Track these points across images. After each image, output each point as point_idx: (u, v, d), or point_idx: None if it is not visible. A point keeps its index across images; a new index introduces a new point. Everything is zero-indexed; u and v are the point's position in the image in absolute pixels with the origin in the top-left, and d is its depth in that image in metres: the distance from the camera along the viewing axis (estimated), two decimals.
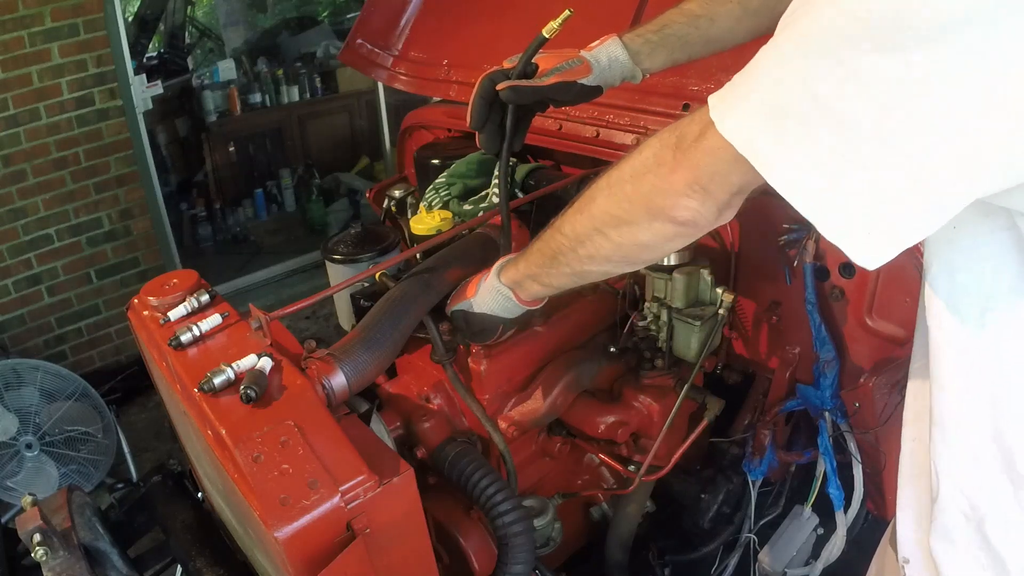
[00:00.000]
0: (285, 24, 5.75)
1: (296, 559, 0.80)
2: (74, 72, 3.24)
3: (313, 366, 1.02)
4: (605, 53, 1.17)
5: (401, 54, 2.15)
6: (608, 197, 0.84)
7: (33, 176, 3.27)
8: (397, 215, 1.96)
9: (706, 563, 1.58)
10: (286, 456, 0.85)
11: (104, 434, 2.89)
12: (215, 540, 1.31)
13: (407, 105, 2.98)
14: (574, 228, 0.90)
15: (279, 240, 5.15)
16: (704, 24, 1.14)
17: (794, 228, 1.37)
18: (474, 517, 1.26)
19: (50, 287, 3.45)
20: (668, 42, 1.16)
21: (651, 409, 1.41)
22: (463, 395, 1.26)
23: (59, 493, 1.18)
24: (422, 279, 1.21)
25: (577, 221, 0.89)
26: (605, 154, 1.63)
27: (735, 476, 1.57)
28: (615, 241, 0.85)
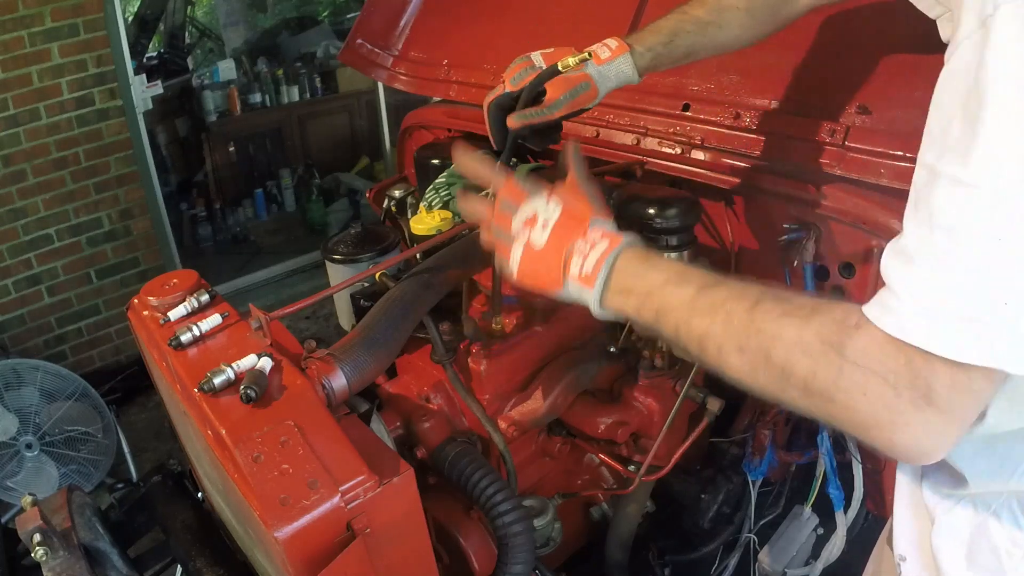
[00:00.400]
0: (285, 24, 5.76)
1: (296, 559, 0.80)
2: (74, 72, 3.24)
3: (313, 366, 1.02)
4: (615, 72, 1.14)
5: (401, 54, 2.16)
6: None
7: (33, 176, 3.27)
8: (397, 215, 1.96)
9: (706, 563, 1.58)
10: (286, 456, 0.84)
11: (104, 434, 2.90)
12: (215, 540, 1.30)
13: (407, 105, 2.98)
14: (700, 331, 0.75)
15: (279, 240, 5.16)
16: (712, 31, 1.14)
17: (794, 228, 1.37)
18: (474, 517, 1.26)
19: (50, 287, 3.45)
20: (675, 53, 1.15)
21: (651, 409, 1.41)
22: (463, 395, 1.26)
23: (59, 493, 1.18)
24: (422, 279, 1.21)
25: (707, 328, 0.74)
26: (605, 154, 1.63)
27: (735, 476, 1.57)
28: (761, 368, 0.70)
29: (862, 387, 0.61)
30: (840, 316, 0.63)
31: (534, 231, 0.90)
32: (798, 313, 0.66)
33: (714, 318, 0.72)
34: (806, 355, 0.64)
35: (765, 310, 0.68)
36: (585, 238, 0.87)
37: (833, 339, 0.63)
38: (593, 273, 0.84)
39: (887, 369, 0.59)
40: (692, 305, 0.75)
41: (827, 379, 0.63)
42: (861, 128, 1.26)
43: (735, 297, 0.72)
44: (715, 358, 0.73)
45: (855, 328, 0.62)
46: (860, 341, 0.61)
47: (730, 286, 0.73)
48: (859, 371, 0.61)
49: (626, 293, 0.82)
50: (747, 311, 0.70)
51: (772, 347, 0.67)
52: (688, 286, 0.77)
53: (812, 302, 0.67)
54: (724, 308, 0.72)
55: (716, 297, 0.73)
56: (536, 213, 0.91)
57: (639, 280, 0.81)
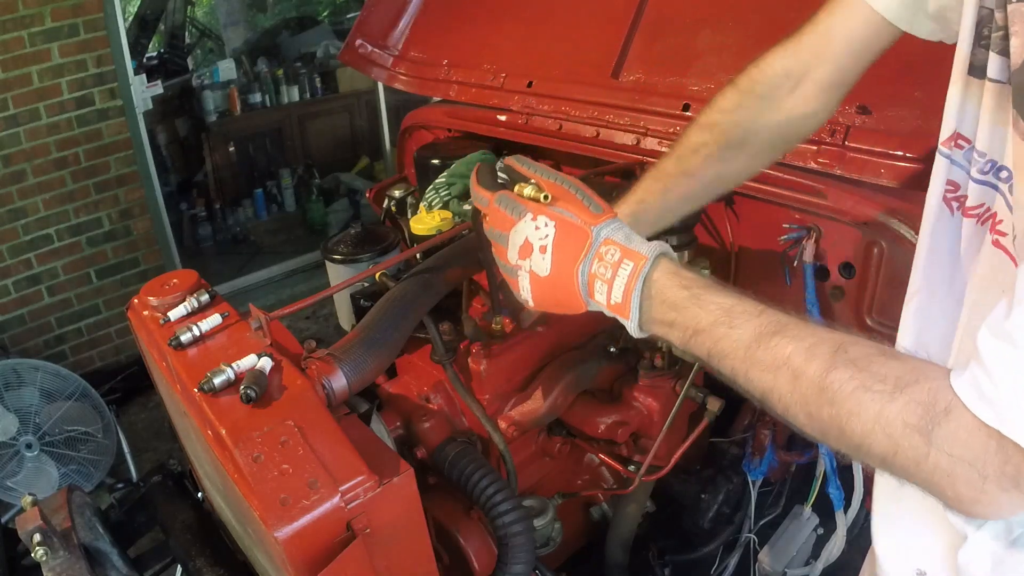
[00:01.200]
0: (285, 24, 5.76)
1: (296, 559, 0.80)
2: (74, 72, 3.24)
3: (313, 366, 1.02)
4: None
5: (401, 54, 2.16)
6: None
7: (33, 176, 3.27)
8: (397, 215, 1.96)
9: (706, 563, 1.58)
10: (286, 456, 0.84)
11: (104, 434, 2.89)
12: (215, 540, 1.30)
13: (407, 105, 2.98)
14: (760, 379, 0.68)
15: (279, 240, 5.16)
16: (682, 183, 1.02)
17: (794, 228, 1.37)
18: (474, 517, 1.26)
19: (50, 287, 3.45)
20: (641, 220, 1.00)
21: (651, 409, 1.41)
22: (463, 395, 1.26)
23: (59, 493, 1.17)
24: (422, 279, 1.21)
25: (770, 379, 0.67)
26: (605, 154, 1.63)
27: (735, 476, 1.57)
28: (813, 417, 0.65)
29: (947, 471, 0.57)
30: (927, 398, 0.58)
31: (533, 259, 0.82)
32: (877, 388, 0.59)
33: (777, 376, 0.65)
34: (887, 437, 0.59)
35: (839, 380, 0.61)
36: (600, 256, 0.78)
37: (919, 424, 0.57)
38: (624, 303, 0.76)
39: (976, 456, 0.56)
40: (750, 356, 0.68)
41: (909, 461, 0.59)
42: (861, 128, 1.26)
43: (801, 354, 0.64)
44: (780, 413, 0.67)
45: (944, 414, 0.57)
46: (949, 428, 0.56)
47: (792, 335, 0.66)
48: (946, 458, 0.57)
49: (668, 325, 0.75)
50: (818, 377, 0.62)
51: (847, 423, 0.61)
52: (741, 330, 0.69)
53: (893, 374, 0.60)
54: (789, 367, 0.65)
55: (778, 352, 0.65)
56: (527, 239, 0.82)
57: (682, 314, 0.73)
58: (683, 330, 0.73)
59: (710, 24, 1.55)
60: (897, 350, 0.63)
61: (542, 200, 0.83)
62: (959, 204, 0.80)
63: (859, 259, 1.33)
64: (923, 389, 0.58)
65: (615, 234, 0.79)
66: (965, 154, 0.77)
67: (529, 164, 0.88)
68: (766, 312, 0.69)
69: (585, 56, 1.75)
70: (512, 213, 0.84)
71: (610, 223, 0.80)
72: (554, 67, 1.80)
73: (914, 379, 0.59)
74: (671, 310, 0.74)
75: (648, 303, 0.75)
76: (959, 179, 0.79)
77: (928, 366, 0.60)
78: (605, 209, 0.81)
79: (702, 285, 0.74)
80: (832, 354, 0.63)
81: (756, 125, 0.98)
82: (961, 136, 0.78)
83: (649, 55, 1.65)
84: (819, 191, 1.29)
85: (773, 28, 1.43)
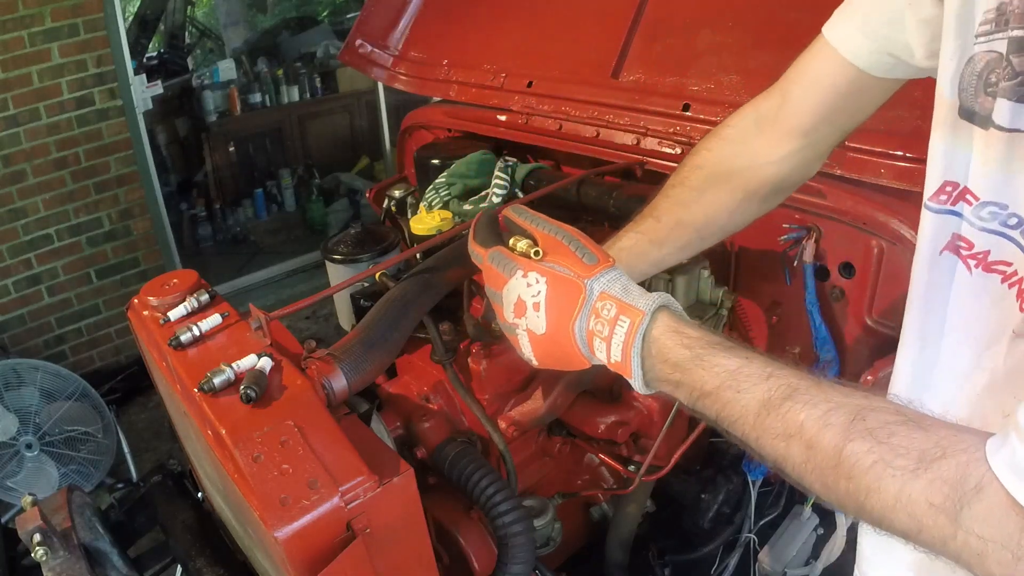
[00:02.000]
0: (285, 24, 5.76)
1: (296, 559, 0.80)
2: (74, 72, 3.24)
3: (313, 366, 1.02)
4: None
5: (401, 54, 2.16)
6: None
7: (33, 176, 3.27)
8: (397, 215, 1.96)
9: (706, 563, 1.58)
10: (286, 456, 0.84)
11: (104, 434, 2.90)
12: (215, 540, 1.30)
13: (407, 105, 2.98)
14: (773, 447, 0.64)
15: (279, 240, 5.16)
16: (651, 226, 0.98)
17: (794, 228, 1.37)
18: (474, 517, 1.25)
19: (50, 287, 3.45)
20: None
21: (651, 409, 1.41)
22: (463, 395, 1.26)
23: (59, 493, 1.17)
24: (422, 279, 1.21)
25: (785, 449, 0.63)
26: (605, 154, 1.63)
27: (735, 476, 1.57)
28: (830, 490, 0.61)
29: (977, 551, 0.52)
30: (955, 475, 0.53)
31: (528, 317, 0.79)
32: (899, 464, 0.55)
33: (790, 445, 0.61)
34: (910, 516, 0.54)
35: (856, 453, 0.57)
36: (596, 312, 0.74)
37: (946, 505, 0.52)
38: (624, 362, 0.72)
39: (1010, 537, 0.50)
40: (760, 423, 0.64)
41: (935, 540, 0.54)
42: (861, 128, 1.26)
43: (814, 423, 0.60)
44: (795, 480, 0.63)
45: (975, 492, 0.52)
46: (981, 507, 0.51)
47: (804, 400, 0.61)
48: (975, 539, 0.52)
49: (674, 385, 0.71)
50: (834, 449, 0.58)
51: (866, 499, 0.56)
52: (749, 395, 0.65)
53: (917, 447, 0.55)
54: (802, 437, 0.60)
55: (790, 420, 0.61)
56: (520, 297, 0.79)
57: (686, 376, 0.69)
58: (689, 391, 0.69)
59: (710, 24, 1.55)
60: (924, 415, 0.58)
61: (532, 256, 0.80)
62: (977, 261, 0.73)
63: (859, 259, 1.33)
64: (950, 465, 0.53)
65: (611, 286, 0.75)
66: (975, 209, 0.71)
67: (526, 214, 0.85)
68: (775, 375, 0.65)
69: (585, 56, 1.75)
70: (504, 271, 0.82)
71: (605, 274, 0.75)
72: (554, 67, 1.80)
73: (940, 453, 0.54)
74: (675, 370, 0.70)
75: (650, 361, 0.72)
76: (971, 235, 0.73)
77: (957, 436, 0.55)
78: (601, 259, 0.77)
79: (705, 344, 0.69)
80: (849, 423, 0.58)
81: (721, 168, 0.96)
82: (962, 187, 0.73)
83: (649, 55, 1.65)
84: (819, 191, 1.29)
85: (773, 28, 1.44)
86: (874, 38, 0.79)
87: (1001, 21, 0.64)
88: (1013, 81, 0.64)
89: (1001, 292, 0.70)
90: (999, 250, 0.70)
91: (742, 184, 0.96)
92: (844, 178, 1.26)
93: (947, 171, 0.74)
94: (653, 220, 0.97)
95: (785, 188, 0.98)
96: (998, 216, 0.69)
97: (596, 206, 1.51)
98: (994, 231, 0.70)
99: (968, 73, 0.69)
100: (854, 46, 0.81)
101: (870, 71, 0.82)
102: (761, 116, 0.94)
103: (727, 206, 0.97)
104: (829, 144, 0.94)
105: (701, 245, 1.01)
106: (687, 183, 0.97)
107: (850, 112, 0.88)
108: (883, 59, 0.80)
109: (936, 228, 0.76)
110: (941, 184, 0.74)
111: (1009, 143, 0.66)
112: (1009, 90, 0.64)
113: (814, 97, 0.87)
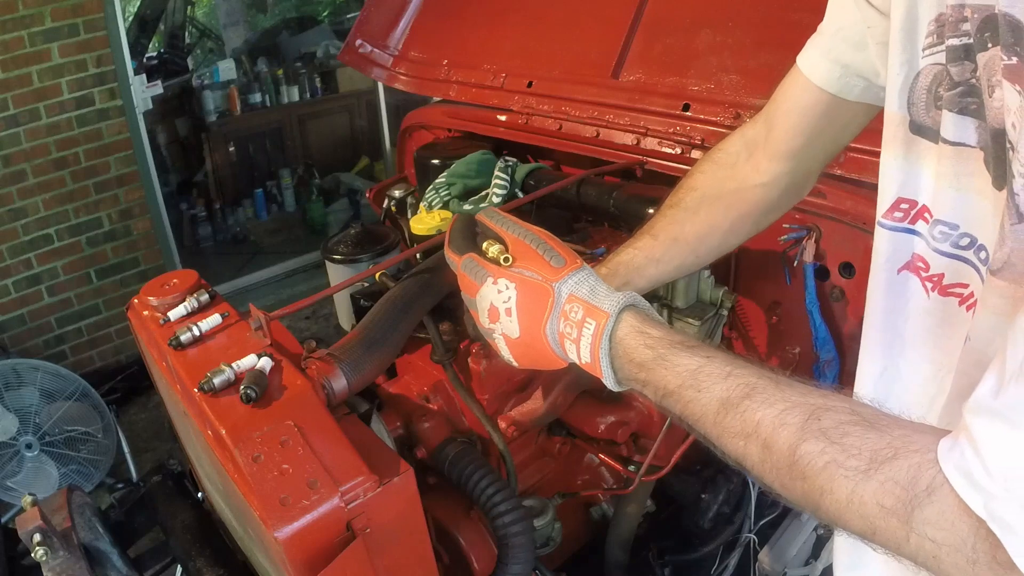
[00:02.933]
0: (285, 24, 5.76)
1: (296, 559, 0.80)
2: (74, 72, 3.24)
3: (313, 366, 1.02)
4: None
5: (401, 54, 2.16)
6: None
7: (33, 176, 3.27)
8: (397, 215, 1.96)
9: (706, 563, 1.58)
10: (286, 456, 0.84)
11: (104, 434, 2.90)
12: (215, 540, 1.30)
13: (407, 105, 2.98)
14: (733, 445, 0.65)
15: (279, 240, 5.16)
16: (648, 243, 1.00)
17: (794, 228, 1.37)
18: (474, 517, 1.25)
19: (50, 287, 3.45)
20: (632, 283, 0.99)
21: (651, 409, 1.41)
22: (463, 395, 1.26)
23: (59, 493, 1.18)
24: (422, 279, 1.21)
25: (743, 444, 0.63)
26: (605, 154, 1.63)
27: (735, 476, 1.57)
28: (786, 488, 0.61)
29: (931, 554, 0.51)
30: (905, 476, 0.52)
31: (503, 322, 0.80)
32: (851, 465, 0.54)
33: (748, 445, 0.62)
34: (862, 518, 0.54)
35: (809, 454, 0.57)
36: (564, 315, 0.75)
37: (897, 507, 0.52)
38: (594, 363, 0.74)
39: (963, 541, 0.49)
40: (719, 423, 0.64)
41: (887, 542, 0.54)
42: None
43: (770, 423, 0.60)
44: (756, 479, 0.63)
45: (926, 495, 0.51)
46: (932, 511, 0.50)
47: (761, 400, 0.61)
48: (929, 543, 0.51)
49: (641, 383, 0.72)
50: (788, 449, 0.58)
51: (821, 500, 0.56)
52: (709, 394, 0.65)
53: (869, 447, 0.54)
54: (758, 436, 0.60)
55: (747, 419, 0.62)
56: (492, 303, 0.80)
57: (651, 375, 0.70)
58: (654, 390, 0.70)
59: (710, 24, 1.55)
60: (880, 414, 0.57)
61: (502, 262, 0.81)
62: (934, 284, 0.72)
63: (859, 259, 1.33)
64: (902, 466, 0.52)
65: (579, 288, 0.76)
66: (930, 228, 0.71)
67: (497, 217, 0.86)
68: (734, 374, 0.65)
69: (585, 56, 1.75)
70: (475, 278, 0.83)
71: (573, 276, 0.76)
72: (554, 67, 1.80)
73: (891, 454, 0.53)
74: (640, 370, 0.71)
75: (618, 362, 0.73)
76: (926, 255, 0.72)
77: (910, 437, 0.54)
78: (568, 261, 0.78)
79: (668, 343, 0.70)
80: (803, 423, 0.58)
81: (713, 190, 0.98)
82: (920, 205, 0.72)
83: (649, 55, 1.65)
84: (819, 191, 1.29)
85: (773, 28, 1.44)
86: (841, 63, 0.81)
87: (940, 32, 0.64)
88: (953, 92, 0.63)
89: (959, 316, 0.69)
90: (954, 273, 0.69)
91: (734, 205, 0.98)
92: (844, 178, 1.26)
93: (902, 188, 0.73)
94: (650, 238, 1.00)
95: (776, 209, 1.00)
96: (949, 237, 0.68)
97: (596, 206, 1.51)
98: (948, 253, 0.69)
99: (918, 88, 0.68)
100: (823, 71, 0.83)
101: (842, 95, 0.83)
102: (749, 141, 0.96)
103: (720, 226, 0.99)
104: (816, 165, 0.95)
105: (697, 264, 1.03)
106: (682, 204, 1.00)
107: (831, 135, 0.90)
108: (853, 82, 0.81)
109: (893, 247, 0.76)
110: (895, 201, 0.74)
111: (955, 158, 0.65)
112: (950, 101, 0.63)
113: (795, 122, 0.89)
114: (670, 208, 1.01)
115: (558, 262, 0.78)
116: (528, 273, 0.78)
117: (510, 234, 0.83)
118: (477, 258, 0.84)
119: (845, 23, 0.79)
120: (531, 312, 0.77)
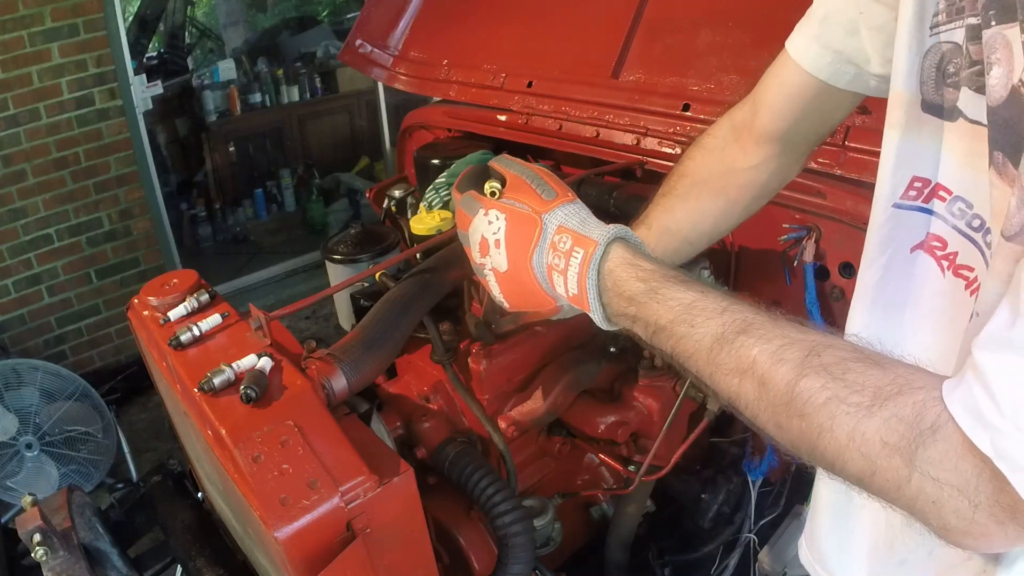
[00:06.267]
0: (285, 24, 5.76)
1: (296, 559, 0.80)
2: (74, 72, 3.24)
3: (313, 366, 1.02)
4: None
5: (401, 54, 2.16)
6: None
7: (33, 176, 3.27)
8: (397, 215, 1.96)
9: (706, 563, 1.58)
10: (286, 456, 0.84)
11: (104, 434, 2.90)
12: (215, 540, 1.30)
13: (407, 105, 2.98)
14: (727, 384, 0.62)
15: (279, 240, 5.16)
16: (641, 233, 0.99)
17: (794, 228, 1.37)
18: (474, 517, 1.26)
19: (50, 287, 3.45)
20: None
21: (651, 409, 1.41)
22: (463, 395, 1.26)
23: (59, 493, 1.18)
24: (422, 279, 1.21)
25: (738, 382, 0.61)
26: (605, 154, 1.63)
27: (735, 476, 1.57)
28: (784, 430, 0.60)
29: (932, 497, 0.50)
30: (910, 413, 0.50)
31: (492, 255, 0.79)
32: (853, 401, 0.52)
33: (743, 381, 0.59)
34: (863, 456, 0.52)
35: (809, 390, 0.54)
36: (553, 246, 0.73)
37: (900, 444, 0.50)
38: (581, 295, 0.71)
39: (967, 482, 0.48)
40: (714, 360, 0.61)
41: (887, 483, 0.52)
42: (861, 128, 1.26)
43: (767, 358, 0.58)
44: (749, 420, 0.61)
45: (931, 433, 0.49)
46: (937, 449, 0.49)
47: (758, 335, 0.59)
48: (931, 483, 0.49)
49: (631, 319, 0.69)
50: (786, 385, 0.56)
51: (819, 438, 0.54)
52: (703, 329, 0.62)
53: (872, 384, 0.52)
54: (754, 373, 0.58)
55: (743, 355, 0.59)
56: (483, 235, 0.80)
57: (641, 310, 0.67)
58: (644, 326, 0.68)
59: (710, 24, 1.55)
60: (882, 353, 0.56)
61: (495, 196, 0.82)
62: (949, 263, 0.70)
63: (859, 259, 1.33)
64: (907, 403, 0.51)
65: (569, 219, 0.74)
66: (948, 205, 0.69)
67: (505, 161, 0.85)
68: (729, 309, 0.62)
69: (585, 56, 1.75)
70: (468, 211, 0.83)
71: (563, 207, 0.75)
72: (554, 67, 1.80)
73: (895, 390, 0.51)
74: (630, 304, 0.68)
75: (607, 296, 0.70)
76: (944, 233, 0.70)
77: (915, 374, 0.53)
78: (560, 193, 0.77)
79: (661, 276, 0.68)
80: (803, 359, 0.56)
81: (702, 176, 0.99)
82: (934, 183, 0.71)
83: (649, 55, 1.65)
84: (819, 191, 1.29)
85: (773, 28, 1.44)
86: (831, 48, 0.81)
87: (953, 11, 0.64)
88: (971, 70, 0.61)
89: (965, 301, 0.68)
90: (966, 253, 0.68)
91: (724, 189, 0.98)
92: (844, 178, 1.26)
93: (916, 167, 0.72)
94: (644, 228, 1.00)
95: (765, 192, 1.00)
96: (965, 215, 0.67)
97: (596, 206, 1.51)
98: (964, 233, 0.68)
99: (928, 66, 0.68)
100: (813, 57, 0.83)
101: (832, 82, 0.83)
102: (736, 125, 0.96)
103: (711, 212, 0.99)
104: (805, 147, 0.96)
105: (691, 251, 1.03)
106: (674, 192, 1.00)
107: (818, 118, 0.90)
108: (844, 68, 0.81)
109: (907, 227, 0.75)
110: (910, 180, 0.73)
111: (973, 136, 0.63)
112: (969, 79, 0.62)
113: (782, 106, 0.89)
114: (663, 197, 1.01)
115: (549, 195, 0.77)
116: (518, 205, 0.78)
117: (510, 172, 0.83)
118: (474, 193, 0.85)
119: (835, 8, 0.79)
120: (519, 243, 0.76)
